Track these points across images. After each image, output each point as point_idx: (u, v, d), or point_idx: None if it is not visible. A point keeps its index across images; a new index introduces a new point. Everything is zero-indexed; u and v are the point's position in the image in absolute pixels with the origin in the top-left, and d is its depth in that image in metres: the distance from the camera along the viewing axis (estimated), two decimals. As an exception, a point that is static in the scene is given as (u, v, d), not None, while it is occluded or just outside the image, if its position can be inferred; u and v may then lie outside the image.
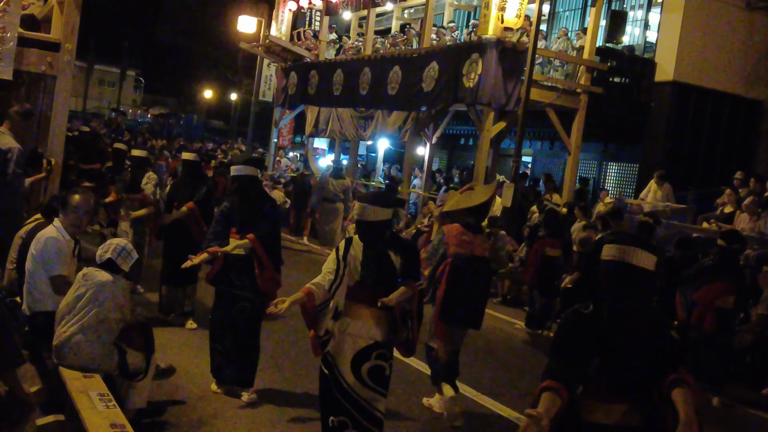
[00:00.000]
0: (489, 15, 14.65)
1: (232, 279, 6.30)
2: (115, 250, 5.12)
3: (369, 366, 4.67)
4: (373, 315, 4.68)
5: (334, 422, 4.72)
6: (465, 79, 15.01)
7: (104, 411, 4.35)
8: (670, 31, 16.83)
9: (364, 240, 4.75)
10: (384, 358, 4.74)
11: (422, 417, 6.45)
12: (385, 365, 4.74)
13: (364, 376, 4.67)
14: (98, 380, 4.81)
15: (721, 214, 12.40)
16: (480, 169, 15.52)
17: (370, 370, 4.68)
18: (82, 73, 50.62)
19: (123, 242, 5.27)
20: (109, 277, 5.02)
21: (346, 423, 4.70)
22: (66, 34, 8.97)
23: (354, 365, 4.66)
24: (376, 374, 4.70)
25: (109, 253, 5.09)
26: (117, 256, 5.10)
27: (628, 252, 3.25)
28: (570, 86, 15.96)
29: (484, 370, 8.28)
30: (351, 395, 4.67)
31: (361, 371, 4.67)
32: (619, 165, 19.36)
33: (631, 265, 3.24)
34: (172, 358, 6.89)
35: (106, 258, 5.09)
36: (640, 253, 3.25)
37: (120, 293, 5.05)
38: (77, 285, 5.06)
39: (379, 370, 4.72)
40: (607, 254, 3.31)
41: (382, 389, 4.75)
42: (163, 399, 5.95)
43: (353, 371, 4.66)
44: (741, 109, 17.57)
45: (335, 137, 21.91)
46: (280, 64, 24.10)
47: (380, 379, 4.73)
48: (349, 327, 4.71)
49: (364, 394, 4.68)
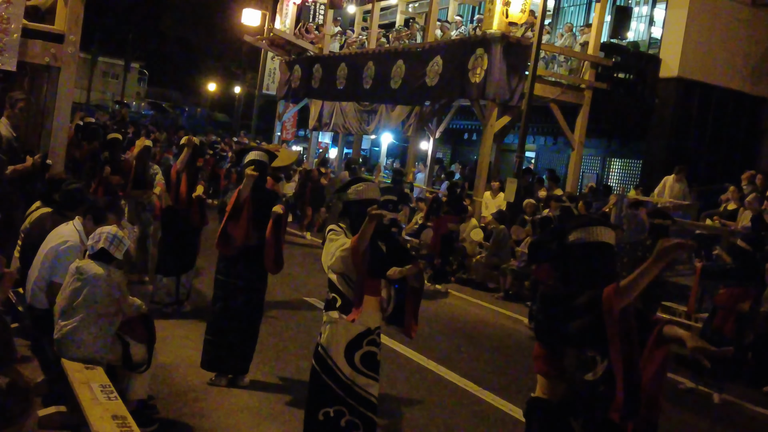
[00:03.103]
0: (493, 10, 14.64)
1: (240, 271, 6.30)
2: (107, 239, 5.05)
3: (361, 353, 4.71)
4: (367, 302, 4.67)
5: (330, 413, 4.71)
6: (471, 74, 15.00)
7: (106, 403, 4.37)
8: (675, 27, 16.78)
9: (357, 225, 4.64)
10: (374, 344, 4.79)
11: (423, 411, 6.45)
12: (376, 350, 4.79)
13: (357, 363, 4.70)
14: (100, 372, 4.82)
15: (725, 211, 12.37)
16: (483, 164, 15.52)
17: (363, 357, 4.72)
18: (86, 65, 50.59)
19: (114, 230, 5.18)
20: (101, 270, 4.97)
21: (342, 412, 4.70)
22: (70, 25, 8.98)
23: (347, 353, 4.69)
24: (368, 360, 4.75)
25: (102, 243, 5.04)
26: (109, 244, 5.03)
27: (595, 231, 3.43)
28: (574, 82, 15.95)
29: (486, 364, 8.29)
30: (346, 384, 4.69)
31: (354, 359, 4.70)
32: (622, 161, 19.34)
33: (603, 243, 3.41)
34: (173, 350, 6.92)
35: (99, 247, 5.04)
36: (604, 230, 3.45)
37: (114, 286, 5.01)
38: (72, 279, 5.01)
39: (371, 356, 4.76)
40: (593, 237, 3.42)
41: (374, 374, 4.79)
42: (164, 390, 5.96)
43: (347, 360, 4.69)
44: (745, 105, 17.52)
45: (339, 131, 21.92)
46: (284, 57, 24.09)
47: (372, 364, 4.77)
48: (340, 316, 4.69)
49: (359, 381, 4.72)
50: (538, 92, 14.66)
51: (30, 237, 6.27)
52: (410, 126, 18.10)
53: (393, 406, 6.35)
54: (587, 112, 15.88)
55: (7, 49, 8.36)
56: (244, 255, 6.29)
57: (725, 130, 17.45)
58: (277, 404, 6.08)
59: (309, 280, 11.02)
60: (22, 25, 8.56)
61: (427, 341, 8.50)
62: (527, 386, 7.59)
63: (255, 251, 6.28)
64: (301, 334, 8.21)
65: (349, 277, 4.65)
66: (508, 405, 6.81)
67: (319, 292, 10.47)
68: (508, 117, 15.48)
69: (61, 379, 4.92)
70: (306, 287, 10.41)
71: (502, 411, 6.70)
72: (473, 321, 10.54)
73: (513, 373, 8.10)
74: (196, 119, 52.80)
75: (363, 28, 22.43)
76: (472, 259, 13.54)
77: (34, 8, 9.53)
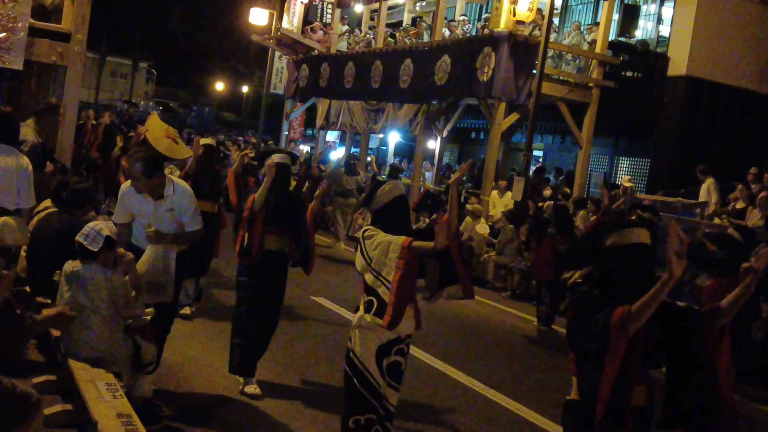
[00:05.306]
0: (501, 8, 14.61)
1: (267, 273, 6.20)
2: (83, 233, 4.89)
3: (388, 362, 4.60)
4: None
5: (361, 421, 4.57)
6: (479, 72, 14.98)
7: (111, 401, 4.36)
8: (684, 26, 16.73)
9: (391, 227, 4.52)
10: (402, 354, 4.66)
11: (429, 409, 6.43)
12: (402, 361, 4.67)
13: (384, 371, 4.59)
14: (105, 370, 4.82)
15: (733, 210, 12.32)
16: (490, 162, 15.49)
17: (389, 366, 4.61)
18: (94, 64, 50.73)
19: (92, 225, 4.99)
20: (98, 275, 4.86)
21: (372, 420, 4.58)
22: (77, 24, 8.99)
23: (377, 361, 4.57)
24: (394, 370, 4.64)
25: (78, 236, 4.89)
26: (85, 238, 4.86)
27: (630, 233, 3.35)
28: (582, 80, 15.90)
29: (493, 364, 8.26)
30: (379, 392, 4.57)
31: (382, 366, 4.59)
32: (630, 160, 19.28)
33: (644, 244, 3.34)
34: (179, 349, 6.91)
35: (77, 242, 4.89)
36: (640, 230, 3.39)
37: (106, 286, 4.88)
38: (68, 285, 4.93)
39: (397, 366, 4.65)
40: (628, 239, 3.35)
41: (397, 384, 4.69)
42: (170, 389, 5.96)
43: (378, 367, 4.57)
44: (754, 104, 17.45)
45: (346, 130, 21.92)
46: (292, 56, 24.11)
47: (397, 374, 4.66)
48: (374, 321, 4.53)
49: (387, 391, 4.62)
50: (546, 91, 14.63)
51: (37, 236, 6.27)
52: (418, 125, 18.08)
53: (399, 405, 6.29)
54: (595, 110, 15.84)
55: (13, 48, 8.38)
56: (267, 258, 6.19)
57: (734, 129, 17.40)
58: (281, 402, 6.06)
59: (315, 278, 10.98)
60: (29, 23, 8.58)
61: (433, 340, 8.48)
62: (534, 386, 7.59)
63: (279, 256, 6.23)
64: (309, 336, 8.19)
65: (386, 278, 4.42)
66: (515, 404, 6.79)
67: (327, 292, 10.49)
68: (515, 115, 15.46)
69: (67, 377, 4.93)
70: (313, 286, 10.40)
71: (509, 410, 6.67)
72: (480, 320, 10.52)
73: (520, 373, 8.08)
74: (204, 118, 52.93)
75: (370, 27, 22.43)
76: (479, 257, 13.52)
77: (41, 7, 9.57)
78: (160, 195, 5.34)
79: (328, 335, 8.37)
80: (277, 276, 6.30)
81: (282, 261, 6.30)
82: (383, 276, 4.42)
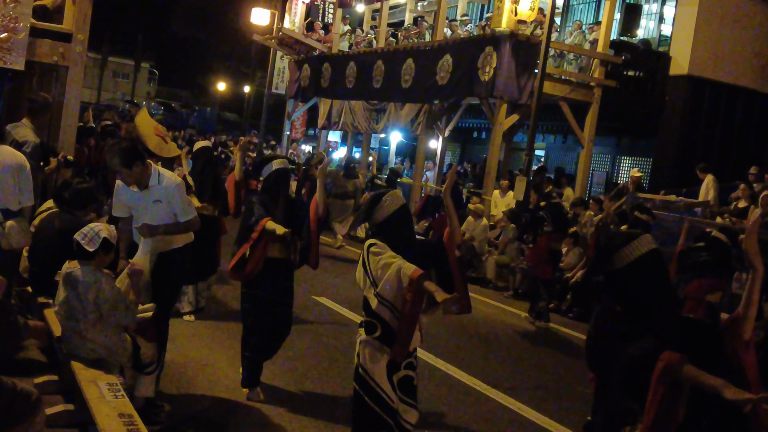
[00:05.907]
0: (502, 8, 14.61)
1: (273, 282, 6.03)
2: (81, 233, 4.88)
3: (398, 377, 4.45)
4: None
5: None
6: (480, 72, 14.98)
7: (113, 401, 4.36)
8: (685, 25, 16.70)
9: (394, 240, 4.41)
10: (412, 367, 4.53)
11: (432, 410, 6.43)
12: (413, 375, 4.54)
13: (395, 387, 4.43)
14: (107, 370, 4.82)
15: (735, 209, 12.30)
16: (492, 162, 15.48)
17: (400, 381, 4.46)
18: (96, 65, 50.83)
19: (91, 225, 4.99)
20: (90, 278, 4.84)
21: None
22: (78, 24, 8.98)
23: (388, 376, 4.40)
24: (405, 385, 4.49)
25: (77, 236, 4.88)
26: (83, 237, 4.85)
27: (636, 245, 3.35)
28: (584, 80, 15.89)
29: (494, 363, 8.26)
30: (392, 407, 4.38)
31: (393, 382, 4.42)
32: (632, 159, 19.26)
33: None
34: (180, 349, 6.91)
35: (77, 244, 4.87)
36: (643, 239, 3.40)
37: (94, 289, 4.85)
38: (63, 286, 4.93)
39: (408, 381, 4.51)
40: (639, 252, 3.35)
41: (412, 401, 4.53)
42: (171, 389, 5.96)
43: (390, 382, 4.40)
44: (756, 103, 17.42)
45: (348, 130, 21.92)
46: (293, 56, 24.12)
47: (410, 390, 4.52)
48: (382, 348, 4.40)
49: (398, 407, 4.45)
50: (548, 90, 14.61)
51: (39, 236, 6.27)
52: (419, 124, 18.08)
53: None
54: (597, 109, 15.83)
55: (14, 48, 8.37)
56: (271, 267, 6.02)
57: (736, 128, 17.36)
58: (283, 403, 6.06)
59: (318, 279, 10.98)
60: (30, 24, 8.57)
61: (435, 340, 8.48)
62: (536, 385, 7.59)
63: (281, 263, 6.10)
64: (313, 343, 8.10)
65: (395, 306, 4.26)
66: (517, 404, 6.78)
67: (329, 292, 10.48)
68: (517, 115, 15.45)
69: (69, 377, 4.93)
70: (315, 287, 10.40)
71: (511, 409, 6.67)
72: (481, 319, 10.51)
73: (522, 372, 8.08)
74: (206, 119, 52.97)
75: (372, 27, 22.43)
76: (481, 257, 13.51)
77: (42, 7, 9.55)
78: (146, 185, 5.31)
79: (330, 336, 8.37)
80: (284, 285, 6.14)
81: (287, 268, 6.16)
82: (395, 306, 4.27)
